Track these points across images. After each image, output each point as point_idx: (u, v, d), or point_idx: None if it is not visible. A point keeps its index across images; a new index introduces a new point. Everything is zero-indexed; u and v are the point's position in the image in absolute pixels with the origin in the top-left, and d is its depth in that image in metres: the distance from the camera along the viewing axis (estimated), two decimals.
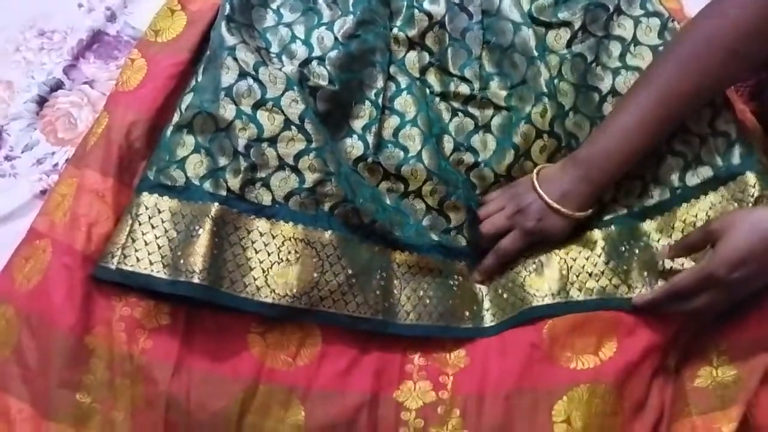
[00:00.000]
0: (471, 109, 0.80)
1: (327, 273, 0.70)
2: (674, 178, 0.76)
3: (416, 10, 0.81)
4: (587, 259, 0.74)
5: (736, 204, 0.71)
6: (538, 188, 0.74)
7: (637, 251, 0.74)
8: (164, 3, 0.79)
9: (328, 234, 0.72)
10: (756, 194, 0.70)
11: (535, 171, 0.76)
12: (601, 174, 0.73)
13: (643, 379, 0.69)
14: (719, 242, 0.66)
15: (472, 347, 0.73)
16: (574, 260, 0.74)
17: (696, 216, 0.73)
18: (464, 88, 0.81)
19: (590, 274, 0.73)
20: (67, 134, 0.77)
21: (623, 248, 0.74)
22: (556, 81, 0.79)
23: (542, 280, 0.73)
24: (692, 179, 0.75)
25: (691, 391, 0.69)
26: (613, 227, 0.76)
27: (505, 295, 0.74)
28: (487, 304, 0.75)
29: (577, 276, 0.73)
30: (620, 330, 0.71)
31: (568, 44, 0.81)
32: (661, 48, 0.78)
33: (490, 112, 0.80)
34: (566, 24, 0.82)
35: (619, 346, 0.70)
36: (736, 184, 0.72)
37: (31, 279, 0.69)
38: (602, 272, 0.73)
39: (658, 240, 0.74)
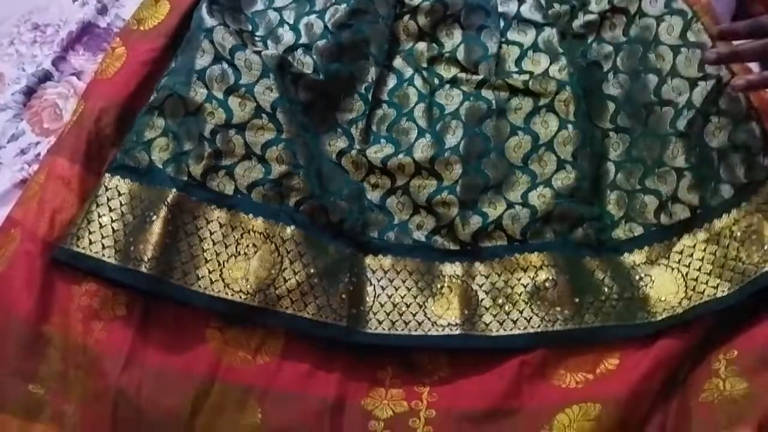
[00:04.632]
0: (485, 93, 0.74)
1: (286, 270, 0.65)
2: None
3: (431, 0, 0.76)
4: (602, 281, 0.66)
5: (760, 215, 0.63)
6: None
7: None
8: None
9: (290, 229, 0.67)
10: None
11: None
12: None
13: (648, 398, 0.60)
14: None
15: (456, 356, 0.66)
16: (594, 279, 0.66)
17: (719, 234, 0.65)
18: (477, 77, 0.75)
19: (605, 299, 0.65)
20: (52, 125, 0.77)
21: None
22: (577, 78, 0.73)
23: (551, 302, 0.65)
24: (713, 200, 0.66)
25: (696, 407, 0.59)
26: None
27: (506, 308, 0.67)
28: (482, 311, 0.67)
29: (592, 300, 0.65)
30: (627, 344, 0.63)
31: (583, 54, 0.76)
32: (683, 48, 0.71)
33: (506, 95, 0.74)
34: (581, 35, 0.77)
35: (621, 361, 0.62)
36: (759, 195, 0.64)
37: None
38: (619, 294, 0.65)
39: (678, 261, 0.66)
